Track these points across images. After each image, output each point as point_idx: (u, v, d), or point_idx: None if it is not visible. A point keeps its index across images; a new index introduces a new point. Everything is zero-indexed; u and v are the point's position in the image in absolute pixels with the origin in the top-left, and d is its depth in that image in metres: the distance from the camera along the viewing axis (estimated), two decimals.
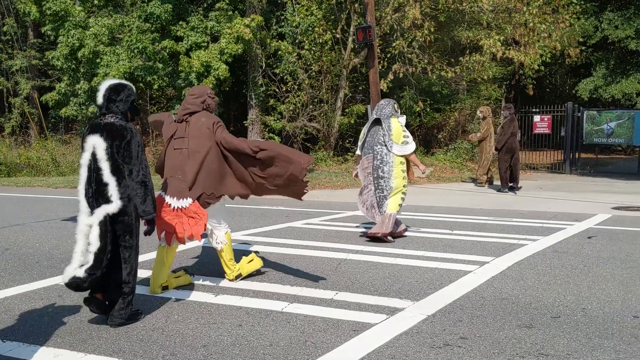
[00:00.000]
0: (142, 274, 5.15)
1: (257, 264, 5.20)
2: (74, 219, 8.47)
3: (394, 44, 16.11)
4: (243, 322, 4.04)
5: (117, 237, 3.99)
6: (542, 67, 18.82)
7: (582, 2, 20.69)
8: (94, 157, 4.00)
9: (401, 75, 16.09)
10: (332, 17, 17.32)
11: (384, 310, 4.25)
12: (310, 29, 16.88)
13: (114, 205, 3.93)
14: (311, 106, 17.69)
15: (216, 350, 3.55)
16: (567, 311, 4.21)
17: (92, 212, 3.95)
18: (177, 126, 4.91)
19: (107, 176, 3.95)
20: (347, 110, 17.85)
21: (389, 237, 6.72)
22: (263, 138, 18.08)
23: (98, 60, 16.53)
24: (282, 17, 18.47)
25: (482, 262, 5.65)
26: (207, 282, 5.02)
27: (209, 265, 5.67)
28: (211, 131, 4.73)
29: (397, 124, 6.77)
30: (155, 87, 17.26)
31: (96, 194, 3.97)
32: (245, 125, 18.67)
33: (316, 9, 16.86)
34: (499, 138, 11.87)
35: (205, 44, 16.87)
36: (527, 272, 5.29)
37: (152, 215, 4.02)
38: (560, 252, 6.10)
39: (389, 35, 17.02)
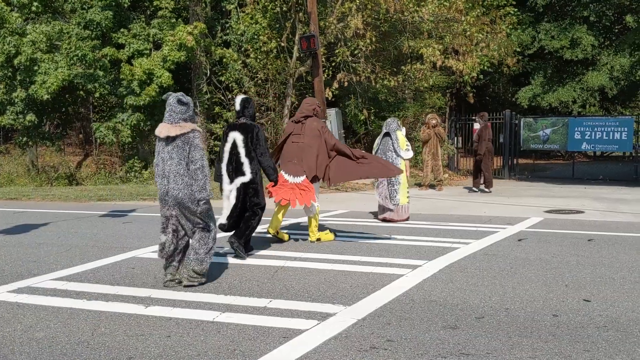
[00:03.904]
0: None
1: (331, 236, 7.17)
2: (3, 232, 8.21)
3: (337, 52, 16.31)
4: (172, 333, 4.01)
5: (248, 197, 6.17)
6: (481, 76, 19.42)
7: (519, 13, 21.50)
8: (233, 146, 6.12)
9: (346, 84, 16.30)
10: (277, 25, 17.39)
11: (316, 316, 4.30)
12: (255, 37, 16.89)
13: (247, 177, 6.11)
14: (258, 114, 17.67)
15: None
16: (491, 311, 4.37)
17: (231, 182, 6.10)
18: (295, 126, 6.93)
19: (243, 158, 6.08)
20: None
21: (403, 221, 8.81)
22: (208, 146, 17.97)
23: (36, 68, 16.06)
24: (227, 25, 18.41)
25: (414, 266, 5.79)
26: (138, 294, 4.95)
27: (141, 276, 5.60)
28: (320, 132, 6.80)
29: (402, 136, 8.73)
30: (97, 95, 16.90)
31: (235, 170, 6.12)
32: None
33: (261, 17, 16.90)
34: (479, 144, 12.85)
35: (148, 51, 16.63)
36: (457, 275, 5.45)
37: (276, 178, 6.40)
38: (490, 255, 6.31)
39: (333, 45, 17.21)
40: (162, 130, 4.99)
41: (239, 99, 6.34)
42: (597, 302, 4.59)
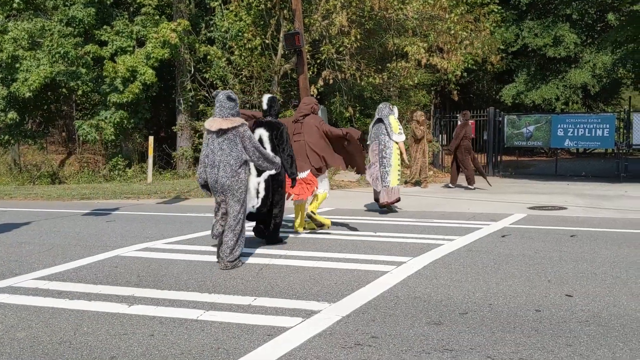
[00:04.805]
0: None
1: (328, 221, 7.44)
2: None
3: (322, 49, 16.30)
4: (155, 331, 3.98)
5: (274, 188, 6.49)
6: (465, 74, 19.51)
7: (503, 11, 21.64)
8: (259, 141, 6.38)
9: (331, 81, 16.29)
10: (262, 22, 17.33)
11: (301, 314, 4.29)
12: (239, 34, 16.82)
13: (274, 170, 6.30)
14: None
15: None
16: (475, 307, 4.39)
17: (260, 174, 6.35)
18: (294, 125, 7.39)
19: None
20: (280, 115, 17.85)
21: (396, 206, 9.48)
22: (193, 144, 17.87)
23: (17, 65, 15.85)
24: (211, 22, 18.31)
25: (399, 263, 5.80)
26: (121, 293, 4.91)
27: (124, 275, 5.55)
28: (318, 128, 7.31)
29: (394, 120, 9.01)
30: (80, 92, 16.72)
31: None
32: (175, 130, 18.34)
33: (245, 14, 16.83)
34: (452, 142, 13.34)
35: (131, 48, 16.50)
36: (441, 271, 5.47)
37: (295, 175, 6.68)
38: (474, 251, 6.35)
39: (318, 42, 17.19)
40: (214, 124, 5.52)
41: (266, 98, 6.74)
42: (579, 297, 4.63)
